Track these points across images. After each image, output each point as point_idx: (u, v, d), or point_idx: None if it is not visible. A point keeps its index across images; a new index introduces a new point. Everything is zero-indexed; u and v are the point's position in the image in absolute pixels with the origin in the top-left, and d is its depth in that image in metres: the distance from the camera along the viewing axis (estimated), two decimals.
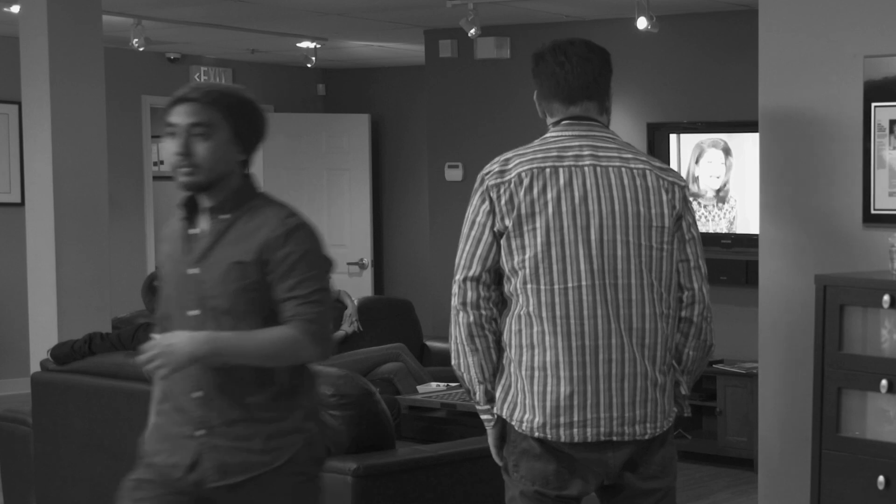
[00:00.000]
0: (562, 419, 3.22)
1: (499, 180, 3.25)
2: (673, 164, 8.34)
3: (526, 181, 3.23)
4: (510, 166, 3.26)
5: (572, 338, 3.21)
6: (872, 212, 4.90)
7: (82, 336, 5.34)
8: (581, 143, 3.29)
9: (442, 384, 7.68)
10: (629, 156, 3.31)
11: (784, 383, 5.10)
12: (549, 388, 3.22)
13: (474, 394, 3.33)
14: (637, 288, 3.24)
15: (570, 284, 3.21)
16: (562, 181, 3.23)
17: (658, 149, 8.38)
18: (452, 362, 3.36)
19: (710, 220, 8.21)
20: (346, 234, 11.49)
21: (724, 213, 8.15)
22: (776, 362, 5.15)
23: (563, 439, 3.22)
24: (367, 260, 11.47)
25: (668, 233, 3.28)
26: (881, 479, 4.47)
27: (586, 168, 3.25)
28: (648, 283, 3.25)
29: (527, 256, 3.23)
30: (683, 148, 8.34)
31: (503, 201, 3.24)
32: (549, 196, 3.22)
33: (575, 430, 3.22)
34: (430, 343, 8.80)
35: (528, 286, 3.23)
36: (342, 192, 11.53)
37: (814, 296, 4.69)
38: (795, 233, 5.10)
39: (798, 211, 5.11)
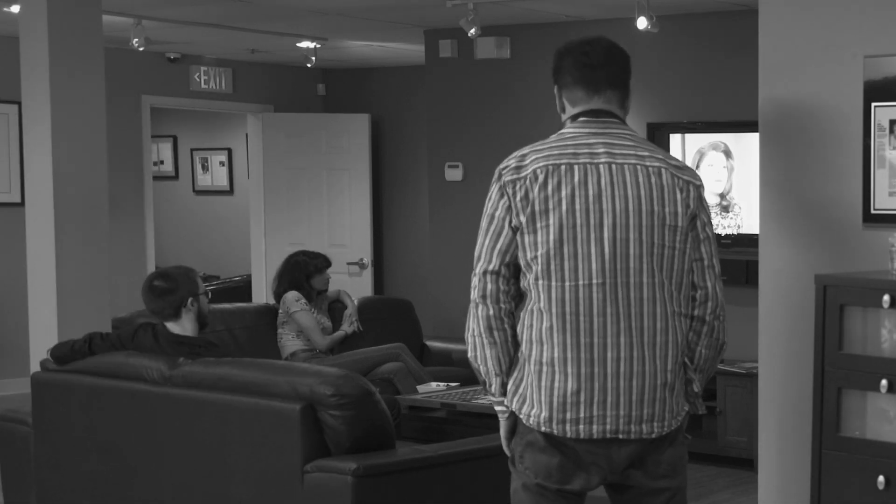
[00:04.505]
0: (568, 415, 3.24)
1: (515, 176, 3.27)
2: None
3: (541, 177, 3.25)
4: (526, 162, 3.28)
5: (580, 335, 3.23)
6: (872, 212, 4.90)
7: (82, 336, 5.34)
8: (597, 139, 3.30)
9: (442, 384, 7.68)
10: (645, 153, 3.31)
11: (784, 383, 5.10)
12: (556, 384, 3.24)
13: (490, 385, 3.36)
14: (648, 287, 3.25)
15: (581, 282, 3.23)
16: (576, 178, 3.24)
17: None
18: (469, 354, 3.38)
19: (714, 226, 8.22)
20: (346, 234, 11.49)
21: (729, 222, 8.14)
22: (776, 362, 5.15)
23: (568, 435, 3.25)
24: (367, 260, 11.47)
25: (682, 232, 3.29)
26: (881, 479, 4.47)
27: (601, 165, 3.26)
28: (660, 281, 3.26)
29: (539, 253, 3.25)
30: (685, 148, 8.34)
31: (518, 197, 3.26)
32: (563, 193, 3.24)
33: (581, 427, 3.24)
34: (430, 343, 8.81)
35: (540, 282, 3.25)
36: (342, 191, 11.53)
37: (814, 296, 4.69)
38: (795, 233, 5.10)
39: (798, 211, 5.11)
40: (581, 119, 3.35)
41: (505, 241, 3.29)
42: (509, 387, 3.33)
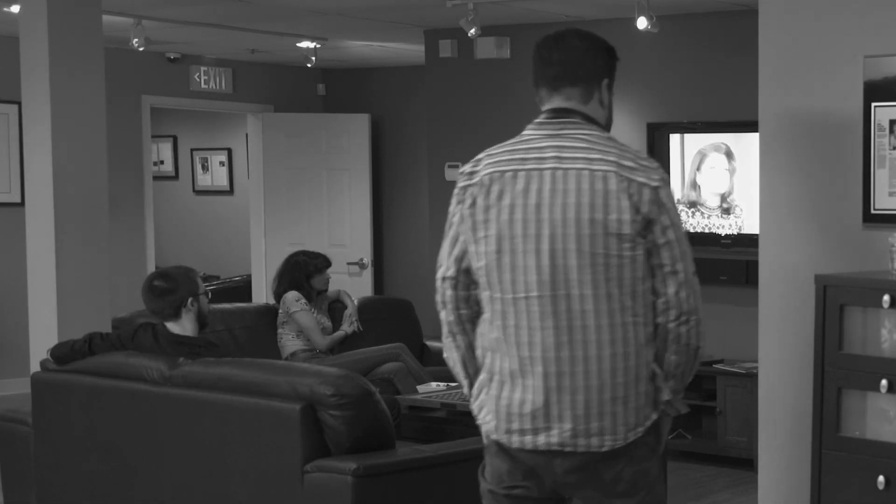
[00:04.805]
0: (514, 425, 3.18)
1: (467, 182, 3.23)
2: (674, 165, 8.33)
3: (486, 186, 3.18)
4: (479, 167, 3.22)
5: (523, 348, 3.15)
6: (872, 212, 4.90)
7: (82, 336, 5.34)
8: (549, 143, 3.17)
9: (442, 384, 7.68)
10: (596, 156, 3.12)
11: (784, 383, 5.10)
12: (503, 394, 3.19)
13: (463, 386, 3.35)
14: (590, 299, 3.10)
15: (519, 295, 3.14)
16: (519, 187, 3.14)
17: (658, 149, 8.38)
18: (444, 354, 3.38)
19: (713, 229, 8.19)
20: (346, 234, 11.49)
21: (730, 223, 8.12)
22: (776, 362, 5.15)
23: (514, 445, 3.19)
24: (367, 260, 11.47)
25: (630, 239, 3.09)
26: (881, 479, 4.47)
27: (546, 172, 3.13)
28: (606, 293, 3.10)
29: (482, 264, 3.19)
30: (684, 148, 8.34)
31: (467, 204, 3.21)
32: (504, 203, 3.15)
33: (527, 438, 3.18)
34: (430, 343, 8.79)
35: (485, 293, 3.21)
36: (342, 192, 11.53)
37: (814, 296, 4.69)
38: (795, 233, 5.11)
39: (798, 211, 5.11)
40: (537, 122, 3.24)
41: (460, 248, 3.24)
42: (473, 391, 3.30)
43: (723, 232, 8.15)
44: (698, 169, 8.25)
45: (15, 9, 7.34)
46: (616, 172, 3.10)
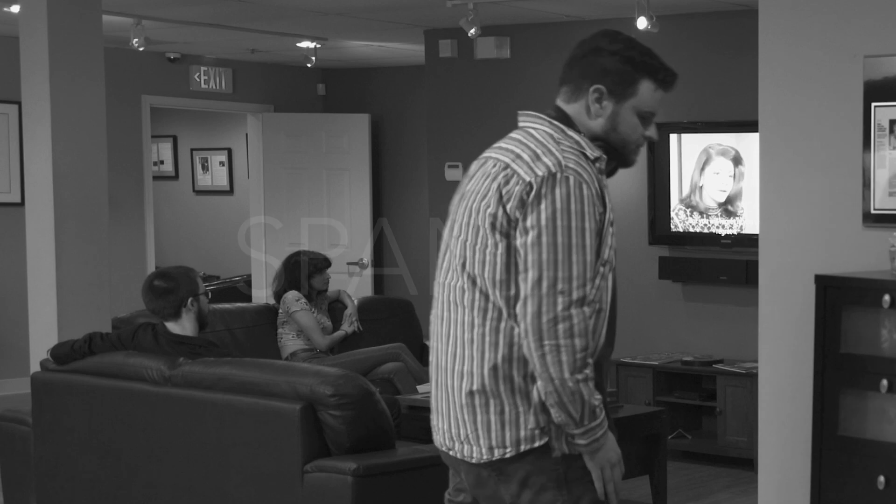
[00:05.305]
0: (432, 421, 3.12)
1: None
2: (673, 165, 8.32)
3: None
4: None
5: (432, 338, 3.11)
6: (872, 212, 4.90)
7: (82, 336, 5.34)
8: (506, 136, 3.10)
9: None
10: (509, 146, 3.00)
11: (784, 383, 5.10)
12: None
13: None
14: (459, 290, 2.97)
15: (437, 280, 3.09)
16: (464, 178, 3.12)
17: (658, 149, 8.37)
18: None
19: (713, 229, 8.18)
20: (346, 234, 11.49)
21: (731, 222, 8.10)
22: (776, 362, 5.15)
23: (434, 441, 3.15)
24: (367, 260, 11.47)
25: (491, 234, 2.91)
26: (881, 479, 4.47)
27: (479, 163, 3.08)
28: (468, 285, 2.95)
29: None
30: (684, 148, 8.34)
31: None
32: (457, 193, 3.14)
33: (434, 435, 3.12)
34: (430, 343, 8.78)
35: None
36: (342, 192, 11.53)
37: (814, 296, 4.69)
38: (795, 233, 5.11)
39: (798, 211, 5.11)
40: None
41: None
42: None
43: (723, 232, 8.15)
44: (701, 171, 8.22)
45: (15, 9, 7.34)
46: (506, 163, 2.95)
